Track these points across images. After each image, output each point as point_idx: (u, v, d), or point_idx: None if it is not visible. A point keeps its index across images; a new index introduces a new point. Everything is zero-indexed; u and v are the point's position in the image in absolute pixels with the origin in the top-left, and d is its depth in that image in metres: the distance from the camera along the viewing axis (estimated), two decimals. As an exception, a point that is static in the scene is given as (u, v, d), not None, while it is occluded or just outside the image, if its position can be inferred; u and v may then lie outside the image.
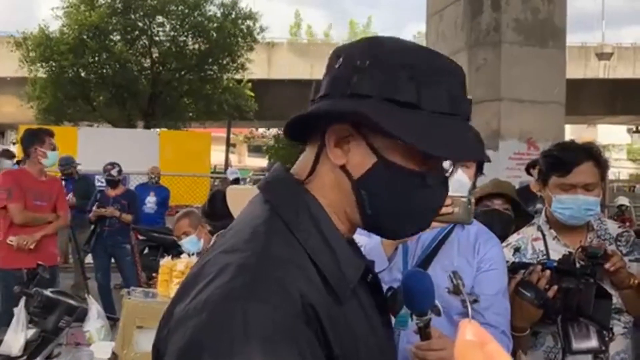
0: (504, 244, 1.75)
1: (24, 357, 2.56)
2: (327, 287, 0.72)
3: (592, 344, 1.72)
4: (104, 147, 9.37)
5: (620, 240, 1.88)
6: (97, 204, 5.92)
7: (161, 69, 16.67)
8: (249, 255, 0.69)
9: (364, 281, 0.80)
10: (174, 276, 3.40)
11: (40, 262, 3.26)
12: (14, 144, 18.41)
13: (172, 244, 5.65)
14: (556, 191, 1.79)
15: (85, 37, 15.35)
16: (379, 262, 1.33)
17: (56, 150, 4.17)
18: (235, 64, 16.87)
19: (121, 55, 15.58)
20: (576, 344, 1.72)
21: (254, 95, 17.72)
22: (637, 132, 28.61)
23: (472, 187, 1.52)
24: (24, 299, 2.69)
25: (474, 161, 1.49)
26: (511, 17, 5.11)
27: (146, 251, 6.89)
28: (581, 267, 1.69)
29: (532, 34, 5.13)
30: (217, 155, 19.25)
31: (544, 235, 1.88)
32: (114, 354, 2.79)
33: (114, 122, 16.72)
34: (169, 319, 0.69)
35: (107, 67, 15.99)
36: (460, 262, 1.44)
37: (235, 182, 8.79)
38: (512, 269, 1.64)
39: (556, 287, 1.64)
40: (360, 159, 0.75)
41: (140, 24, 16.29)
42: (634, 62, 22.55)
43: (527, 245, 1.88)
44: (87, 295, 3.19)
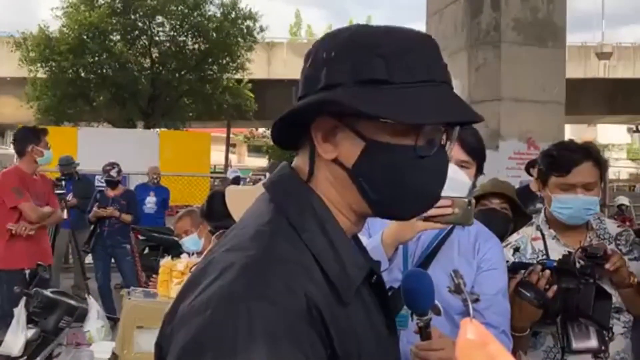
0: (503, 244, 1.75)
1: (24, 357, 2.57)
2: (330, 287, 0.72)
3: (592, 343, 1.72)
4: (103, 147, 9.36)
5: (619, 239, 1.88)
6: (97, 205, 5.92)
7: (161, 69, 16.67)
8: (254, 254, 0.69)
9: (368, 282, 0.80)
10: (174, 276, 3.40)
11: (40, 262, 3.27)
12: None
13: (172, 244, 5.66)
14: (555, 191, 1.79)
15: (85, 37, 15.35)
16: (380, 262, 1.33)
17: (50, 148, 4.12)
18: (235, 64, 16.87)
19: (121, 55, 15.59)
20: (576, 344, 1.72)
21: (253, 95, 17.72)
22: (637, 131, 28.60)
23: (472, 187, 1.52)
24: (24, 299, 2.69)
25: (473, 158, 1.48)
26: (511, 17, 5.10)
27: (146, 251, 6.89)
28: (581, 266, 1.69)
29: (531, 33, 5.13)
30: (217, 155, 19.25)
31: (543, 235, 1.88)
32: (114, 354, 2.80)
33: (113, 122, 16.72)
34: (173, 317, 0.69)
35: (107, 67, 15.99)
36: (460, 262, 1.44)
37: (235, 182, 8.80)
38: (511, 269, 1.63)
39: (556, 287, 1.64)
40: (349, 147, 0.75)
41: (140, 24, 16.29)
42: (633, 61, 22.54)
43: (527, 245, 1.89)
44: (87, 295, 3.19)
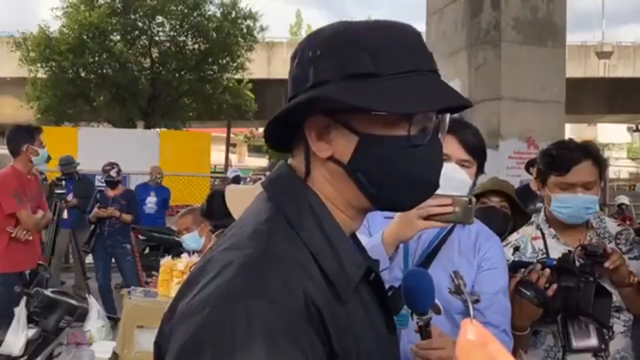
0: (503, 243, 1.75)
1: (25, 357, 2.57)
2: (329, 285, 0.72)
3: (592, 342, 1.73)
4: (104, 147, 9.36)
5: (619, 238, 1.88)
6: (97, 205, 5.92)
7: (161, 69, 16.68)
8: (252, 252, 0.69)
9: (366, 280, 0.80)
10: (174, 276, 3.41)
11: (41, 261, 3.27)
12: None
13: (173, 244, 5.67)
14: (555, 190, 1.79)
15: (85, 37, 15.35)
16: (380, 261, 1.33)
17: (45, 147, 4.03)
18: (235, 64, 16.87)
19: (121, 55, 15.59)
20: (576, 343, 1.72)
21: (254, 95, 17.71)
22: (637, 130, 28.59)
23: (473, 186, 1.52)
24: (25, 299, 2.69)
25: (474, 157, 1.48)
26: (511, 16, 5.10)
27: (147, 251, 6.90)
28: (581, 265, 1.69)
29: (531, 32, 5.13)
30: (217, 155, 19.25)
31: (543, 234, 1.88)
32: (114, 353, 2.80)
33: (114, 122, 16.72)
34: (172, 316, 0.70)
35: (107, 67, 15.99)
36: (460, 262, 1.44)
37: (235, 181, 8.79)
38: (511, 268, 1.63)
39: (556, 286, 1.64)
40: (343, 143, 0.75)
41: (140, 24, 16.29)
42: (634, 60, 22.54)
43: (527, 244, 1.89)
44: (87, 295, 3.19)
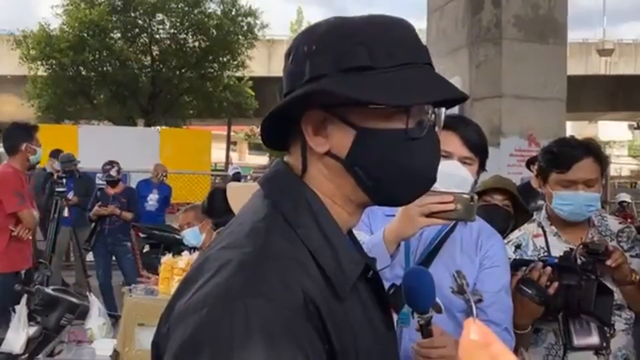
0: (504, 241, 1.75)
1: (26, 355, 2.57)
2: (327, 283, 0.72)
3: (594, 340, 1.72)
4: (104, 145, 9.36)
5: (621, 236, 1.88)
6: (98, 204, 5.92)
7: (161, 66, 16.66)
8: (250, 251, 0.69)
9: (364, 277, 0.79)
10: (175, 274, 3.41)
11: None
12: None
13: (173, 242, 5.67)
14: (556, 187, 1.79)
15: (85, 35, 15.34)
16: (381, 259, 1.32)
17: (41, 146, 4.02)
18: (235, 62, 16.85)
19: (121, 53, 15.59)
20: (577, 341, 1.72)
21: (254, 92, 17.70)
22: (638, 128, 28.56)
23: (475, 184, 1.52)
24: (26, 297, 2.70)
25: (475, 154, 1.48)
26: (512, 14, 5.09)
27: (146, 249, 6.89)
28: (582, 263, 1.69)
29: (532, 30, 5.11)
30: (218, 153, 19.25)
31: (544, 231, 1.88)
32: (115, 351, 2.80)
33: (114, 120, 16.73)
34: (169, 315, 0.69)
35: (108, 65, 15.99)
36: (462, 259, 1.44)
37: (235, 178, 8.79)
38: (513, 266, 1.63)
39: (557, 284, 1.64)
40: (341, 137, 0.75)
41: (140, 22, 16.28)
42: (635, 58, 22.53)
43: (528, 242, 1.88)
44: (88, 293, 3.19)
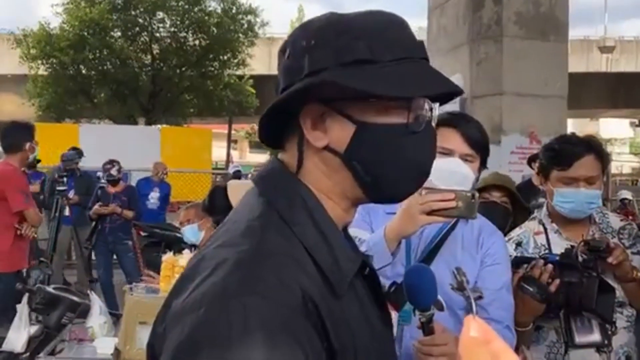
0: (505, 238, 1.75)
1: (27, 354, 2.57)
2: (324, 280, 0.71)
3: (595, 337, 1.72)
4: (105, 144, 9.36)
5: (622, 233, 1.87)
6: (99, 203, 5.92)
7: (162, 65, 16.66)
8: (247, 249, 0.68)
9: (360, 275, 0.79)
10: (176, 272, 3.40)
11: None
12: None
13: (174, 240, 5.66)
14: (557, 185, 1.79)
15: (85, 33, 15.33)
16: (382, 257, 1.32)
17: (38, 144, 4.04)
18: (236, 60, 16.84)
19: (122, 51, 15.59)
20: (579, 338, 1.72)
21: (255, 91, 17.69)
22: (639, 125, 28.52)
23: (476, 181, 1.51)
24: (27, 295, 2.70)
25: (477, 152, 1.47)
26: (513, 11, 5.08)
27: (148, 247, 6.89)
28: (583, 260, 1.68)
29: (533, 27, 5.10)
30: (219, 151, 19.25)
31: (545, 229, 1.87)
32: (116, 349, 2.80)
33: (115, 118, 16.73)
34: (165, 316, 0.69)
35: (108, 63, 15.99)
36: (463, 257, 1.43)
37: (236, 176, 8.78)
38: (514, 264, 1.63)
39: (558, 281, 1.63)
40: (340, 131, 0.75)
41: (140, 20, 16.27)
42: (636, 55, 22.48)
43: (529, 239, 1.88)
44: (89, 291, 3.19)
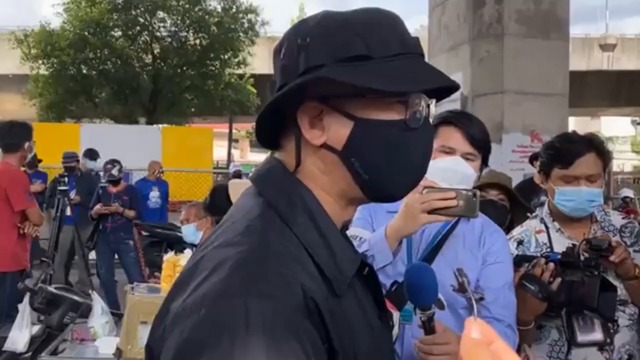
0: (507, 237, 1.75)
1: (29, 353, 2.57)
2: (324, 280, 0.71)
3: (597, 336, 1.72)
4: (106, 144, 9.36)
5: (624, 231, 1.87)
6: (101, 204, 5.92)
7: (162, 64, 16.68)
8: (247, 249, 0.68)
9: (360, 274, 0.79)
10: (178, 271, 3.40)
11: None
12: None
13: (175, 239, 5.67)
14: (559, 183, 1.78)
15: (86, 33, 15.35)
16: (384, 256, 1.32)
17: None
18: (236, 59, 16.84)
19: (122, 51, 15.61)
20: (581, 337, 1.71)
21: (255, 90, 17.69)
22: (640, 123, 28.47)
23: (477, 180, 1.51)
24: (29, 295, 2.70)
25: (478, 150, 1.47)
26: (514, 9, 5.07)
27: (149, 247, 6.90)
28: (585, 259, 1.68)
29: (534, 25, 5.10)
30: (220, 150, 19.27)
31: (547, 227, 1.87)
32: (118, 349, 2.80)
33: (116, 118, 16.76)
34: (164, 317, 0.68)
35: (109, 63, 16.00)
36: (465, 255, 1.43)
37: (236, 176, 8.78)
38: (515, 262, 1.63)
39: (560, 280, 1.63)
40: (338, 129, 0.74)
41: (141, 20, 16.29)
42: (637, 53, 22.42)
43: (531, 238, 1.88)
44: (91, 291, 3.20)
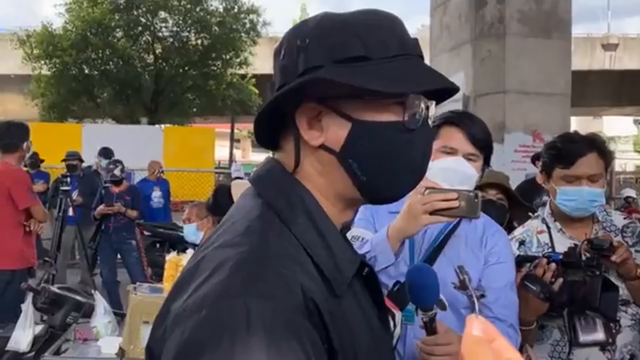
0: (508, 237, 1.75)
1: (32, 353, 2.58)
2: (324, 281, 0.71)
3: (599, 336, 1.72)
4: (108, 144, 9.38)
5: (626, 231, 1.87)
6: (104, 204, 5.93)
7: (164, 64, 16.69)
8: (247, 250, 0.68)
9: (359, 275, 0.79)
10: (179, 271, 3.41)
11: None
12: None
13: (177, 240, 5.68)
14: (560, 183, 1.78)
15: (88, 33, 15.38)
16: (386, 256, 1.32)
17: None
18: (238, 59, 16.86)
19: (124, 51, 15.62)
20: (583, 337, 1.71)
21: (257, 90, 17.70)
22: (643, 123, 28.40)
23: (479, 180, 1.51)
24: (31, 295, 2.71)
25: (480, 151, 1.47)
26: (515, 9, 5.07)
27: (152, 247, 6.91)
28: (587, 259, 1.68)
29: (536, 25, 5.09)
30: (221, 150, 19.29)
31: (549, 227, 1.87)
32: (121, 349, 2.81)
33: (117, 118, 16.78)
34: (165, 318, 0.68)
35: (110, 63, 16.02)
36: (467, 256, 1.43)
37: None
38: (517, 263, 1.63)
39: (562, 280, 1.63)
40: (336, 130, 0.74)
41: (143, 20, 16.32)
42: (639, 52, 22.37)
43: (532, 238, 1.88)
44: (93, 291, 3.20)
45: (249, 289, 0.63)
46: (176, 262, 3.52)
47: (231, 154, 20.77)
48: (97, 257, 6.17)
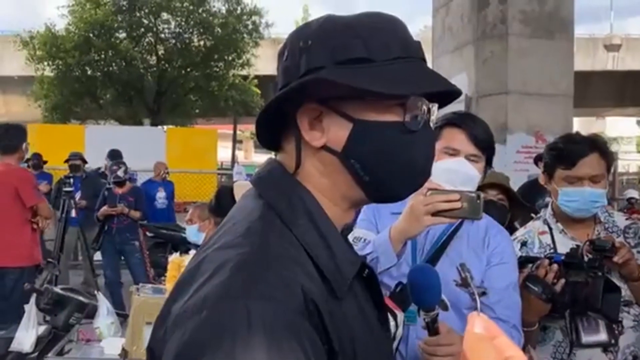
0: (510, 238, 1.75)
1: (36, 354, 2.59)
2: (324, 282, 0.71)
3: (602, 337, 1.72)
4: (111, 145, 9.40)
5: (628, 232, 1.86)
6: (107, 205, 5.95)
7: (167, 66, 16.72)
8: (248, 251, 0.68)
9: (360, 276, 0.79)
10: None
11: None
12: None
13: (180, 241, 5.69)
14: (562, 184, 1.78)
15: (91, 35, 15.41)
16: (388, 257, 1.33)
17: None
18: (240, 61, 16.87)
19: (127, 52, 15.65)
20: (585, 338, 1.71)
21: (260, 91, 17.71)
22: (646, 124, 28.33)
23: (481, 181, 1.51)
24: (35, 295, 2.71)
25: (482, 152, 1.48)
26: (518, 9, 5.07)
27: (155, 248, 6.92)
28: (589, 260, 1.68)
29: (539, 26, 5.09)
30: (224, 151, 19.31)
31: (550, 228, 1.87)
32: (124, 350, 2.81)
33: (120, 119, 16.81)
34: (166, 319, 0.68)
35: (113, 64, 16.05)
36: (469, 256, 1.43)
37: (238, 182, 8.74)
38: (519, 264, 1.62)
39: (564, 281, 1.63)
40: (337, 130, 0.75)
41: (145, 22, 16.35)
42: (642, 53, 22.31)
43: (534, 239, 1.88)
44: (96, 292, 3.21)
45: (250, 290, 0.63)
46: (179, 263, 3.53)
47: (233, 155, 20.79)
48: (92, 257, 6.19)
